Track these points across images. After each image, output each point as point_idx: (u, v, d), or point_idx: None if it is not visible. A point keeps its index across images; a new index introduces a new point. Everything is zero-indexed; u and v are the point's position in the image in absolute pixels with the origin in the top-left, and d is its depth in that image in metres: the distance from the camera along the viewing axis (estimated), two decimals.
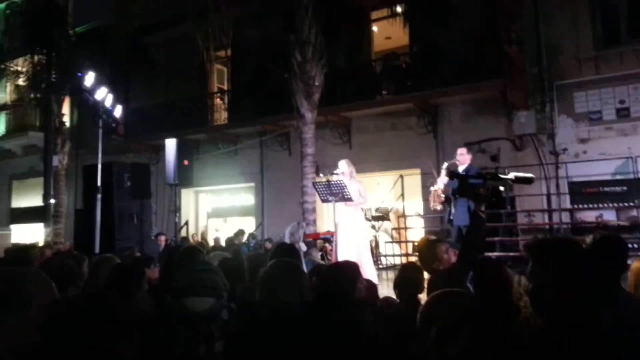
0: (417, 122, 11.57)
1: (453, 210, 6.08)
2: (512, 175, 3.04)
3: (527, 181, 3.06)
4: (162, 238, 9.42)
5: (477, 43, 10.35)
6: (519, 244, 8.63)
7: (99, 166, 7.89)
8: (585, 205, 8.98)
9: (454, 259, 3.63)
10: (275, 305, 2.49)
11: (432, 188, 6.42)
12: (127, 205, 7.94)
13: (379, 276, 6.70)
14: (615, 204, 8.96)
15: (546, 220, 9.63)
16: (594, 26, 10.07)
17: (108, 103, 8.67)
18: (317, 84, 10.29)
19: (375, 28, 12.99)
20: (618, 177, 9.35)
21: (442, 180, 6.26)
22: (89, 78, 8.55)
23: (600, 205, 8.92)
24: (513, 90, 10.08)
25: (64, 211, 14.04)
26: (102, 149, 8.29)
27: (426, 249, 3.50)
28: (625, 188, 9.14)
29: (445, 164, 6.40)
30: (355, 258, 5.50)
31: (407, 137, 11.63)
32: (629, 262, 2.61)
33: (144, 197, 8.31)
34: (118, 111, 9.05)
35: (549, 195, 9.33)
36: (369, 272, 5.74)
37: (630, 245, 6.65)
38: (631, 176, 8.98)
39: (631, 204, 8.80)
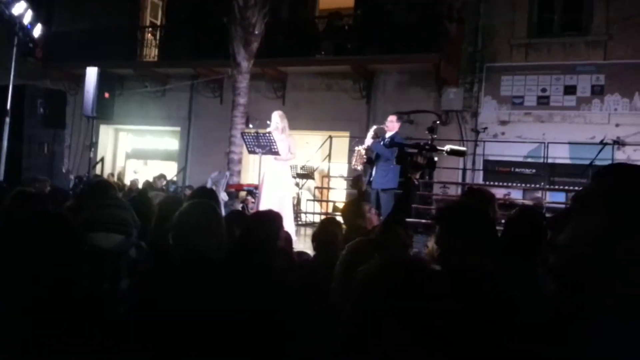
0: (352, 85, 11.62)
1: (373, 173, 6.28)
2: (447, 147, 3.17)
3: (461, 154, 3.21)
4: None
5: (420, 15, 10.45)
6: (431, 213, 9.07)
7: (10, 88, 7.25)
8: (496, 183, 9.53)
9: (375, 220, 3.76)
10: (189, 248, 2.45)
11: (356, 148, 6.56)
12: (38, 133, 7.38)
13: (297, 232, 6.80)
14: (523, 185, 9.60)
15: (459, 192, 10.15)
16: (530, 15, 10.47)
17: (26, 20, 7.92)
18: (256, 32, 9.93)
19: None
20: (529, 160, 10.01)
21: (368, 141, 6.39)
22: None
23: (510, 184, 9.51)
24: (447, 66, 10.35)
25: None
26: (16, 70, 7.63)
27: (351, 205, 3.68)
28: (534, 171, 9.83)
29: (374, 127, 6.55)
30: (276, 210, 5.53)
31: (340, 100, 11.67)
32: None
33: (58, 126, 7.76)
34: (37, 31, 8.30)
35: (464, 170, 9.80)
36: (288, 226, 5.81)
37: None
38: (541, 160, 9.61)
39: (537, 185, 9.47)
